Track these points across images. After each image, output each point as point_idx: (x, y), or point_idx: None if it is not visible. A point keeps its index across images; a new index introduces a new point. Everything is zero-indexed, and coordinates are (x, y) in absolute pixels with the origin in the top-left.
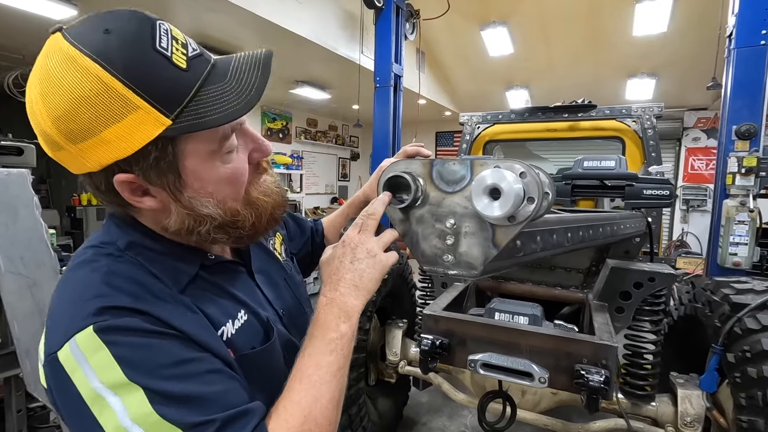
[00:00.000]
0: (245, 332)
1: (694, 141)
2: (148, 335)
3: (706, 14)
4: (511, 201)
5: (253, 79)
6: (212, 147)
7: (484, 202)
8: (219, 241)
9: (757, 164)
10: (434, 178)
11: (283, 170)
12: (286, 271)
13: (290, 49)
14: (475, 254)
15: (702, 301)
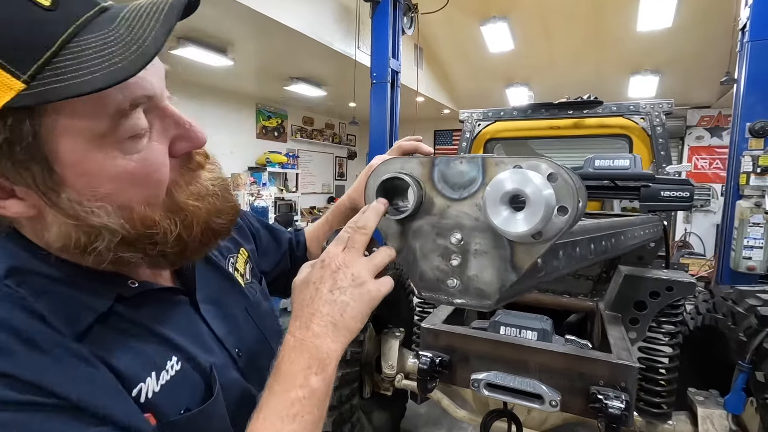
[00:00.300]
0: (176, 388)
1: (698, 140)
2: (12, 409)
3: (711, 9)
4: (539, 212)
5: (151, 24)
6: (99, 127)
7: (502, 214)
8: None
9: None
10: (436, 181)
11: (279, 169)
12: (248, 299)
13: (284, 43)
14: (489, 279)
15: (723, 311)
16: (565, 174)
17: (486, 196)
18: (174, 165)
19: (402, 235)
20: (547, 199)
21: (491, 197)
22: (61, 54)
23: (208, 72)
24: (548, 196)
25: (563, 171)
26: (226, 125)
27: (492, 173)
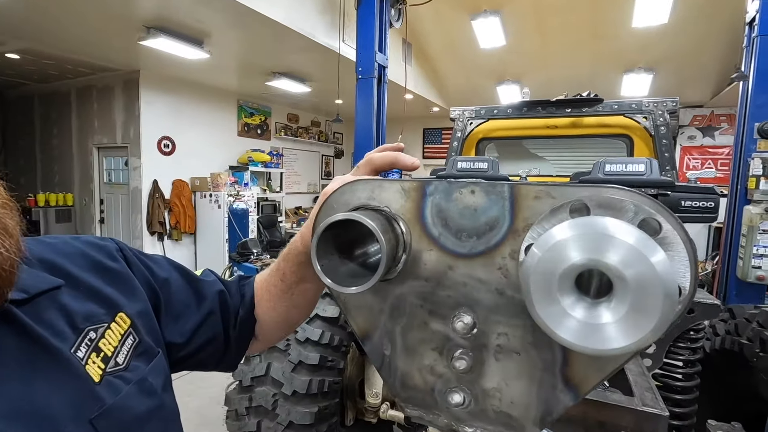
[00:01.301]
0: None
1: (690, 139)
2: None
3: (709, 6)
4: (654, 308)
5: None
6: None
7: (573, 314)
8: None
9: None
10: (429, 223)
11: (262, 168)
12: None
13: (264, 35)
14: (523, 399)
15: (748, 335)
16: (670, 217)
17: (529, 270)
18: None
19: (372, 309)
20: (665, 279)
21: (541, 274)
22: None
23: (185, 65)
24: (666, 271)
25: (665, 212)
26: (205, 122)
27: (528, 213)
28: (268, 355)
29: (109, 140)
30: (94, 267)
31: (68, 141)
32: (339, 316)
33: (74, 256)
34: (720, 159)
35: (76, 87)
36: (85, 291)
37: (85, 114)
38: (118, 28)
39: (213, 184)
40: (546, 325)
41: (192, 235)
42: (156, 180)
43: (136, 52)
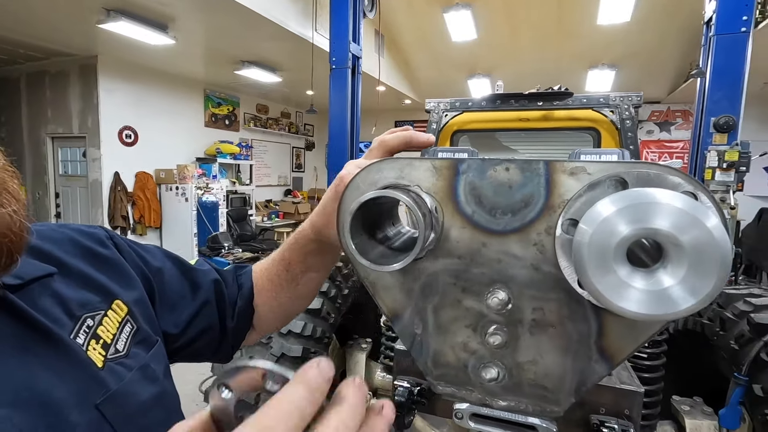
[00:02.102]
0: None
1: (648, 134)
2: None
3: (668, 5)
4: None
5: None
6: None
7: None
8: None
9: (738, 158)
10: (462, 200)
11: (231, 160)
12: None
13: (233, 21)
14: (558, 371)
15: (709, 315)
16: (707, 192)
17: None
18: None
19: (402, 288)
20: (719, 240)
21: (595, 249)
22: None
23: (148, 51)
24: (720, 234)
25: (701, 187)
26: (170, 112)
27: (565, 189)
28: (249, 348)
29: (65, 130)
30: (85, 254)
31: (18, 130)
32: (321, 308)
33: (63, 242)
34: (675, 152)
35: (26, 72)
36: (78, 278)
37: (36, 102)
38: (74, 9)
39: (179, 177)
40: (606, 298)
41: (158, 229)
42: (117, 172)
43: (95, 36)
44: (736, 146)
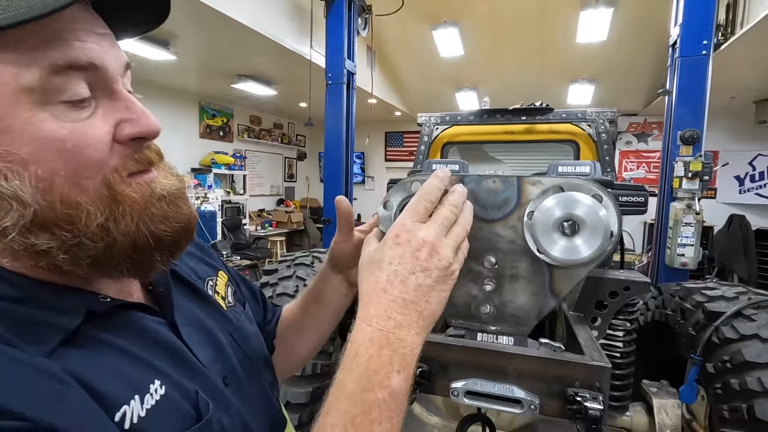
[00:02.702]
0: (163, 413)
1: (627, 144)
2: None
3: (641, 25)
4: (599, 236)
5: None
6: (28, 79)
7: (559, 242)
8: (52, 257)
9: (702, 168)
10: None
11: (225, 171)
12: (231, 322)
13: (230, 38)
14: (526, 305)
15: (672, 307)
16: (608, 194)
17: (535, 222)
18: (118, 151)
19: None
20: (604, 222)
21: (542, 224)
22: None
23: (147, 66)
24: (604, 218)
25: (605, 191)
26: (165, 124)
27: (528, 194)
28: None
29: None
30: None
31: None
32: None
33: None
34: (652, 162)
35: None
36: (194, 256)
37: None
38: None
39: None
40: (546, 251)
41: None
42: None
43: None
44: (700, 157)
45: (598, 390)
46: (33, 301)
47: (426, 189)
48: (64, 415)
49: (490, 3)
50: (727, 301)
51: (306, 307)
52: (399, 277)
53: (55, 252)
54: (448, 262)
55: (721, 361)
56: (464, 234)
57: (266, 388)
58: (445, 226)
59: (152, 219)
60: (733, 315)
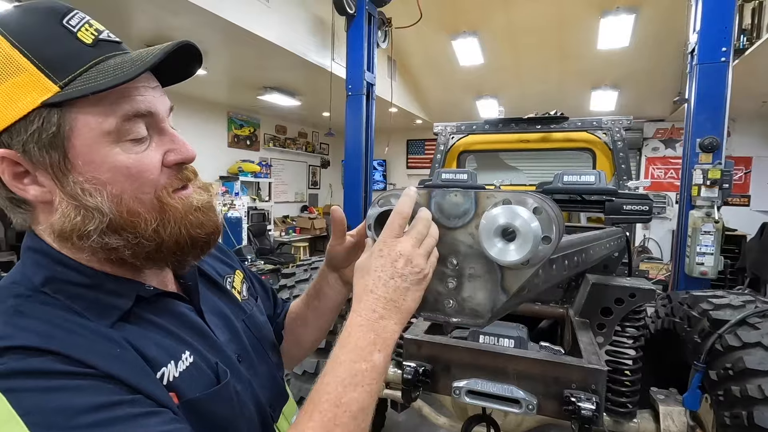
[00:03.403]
0: (191, 376)
1: (654, 151)
2: (60, 377)
3: (665, 31)
4: (529, 243)
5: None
6: (108, 125)
7: (497, 246)
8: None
9: (720, 176)
10: (433, 211)
11: (251, 178)
12: (245, 311)
13: (257, 53)
14: (481, 300)
15: (680, 315)
16: (548, 207)
17: (481, 229)
18: (166, 173)
19: None
20: (534, 231)
21: (486, 230)
22: (89, 71)
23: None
24: (535, 229)
25: (546, 204)
26: (196, 134)
27: (484, 206)
28: None
29: None
30: None
31: None
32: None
33: None
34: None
35: None
36: (215, 257)
37: None
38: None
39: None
40: (488, 252)
41: None
42: None
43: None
44: (719, 165)
45: (593, 392)
46: (99, 287)
47: (398, 208)
48: (123, 369)
49: (508, 12)
50: (733, 310)
51: (309, 303)
52: (381, 281)
53: (122, 249)
54: (420, 268)
55: (723, 369)
56: (434, 243)
57: (273, 367)
58: (419, 239)
59: (191, 225)
60: (738, 323)
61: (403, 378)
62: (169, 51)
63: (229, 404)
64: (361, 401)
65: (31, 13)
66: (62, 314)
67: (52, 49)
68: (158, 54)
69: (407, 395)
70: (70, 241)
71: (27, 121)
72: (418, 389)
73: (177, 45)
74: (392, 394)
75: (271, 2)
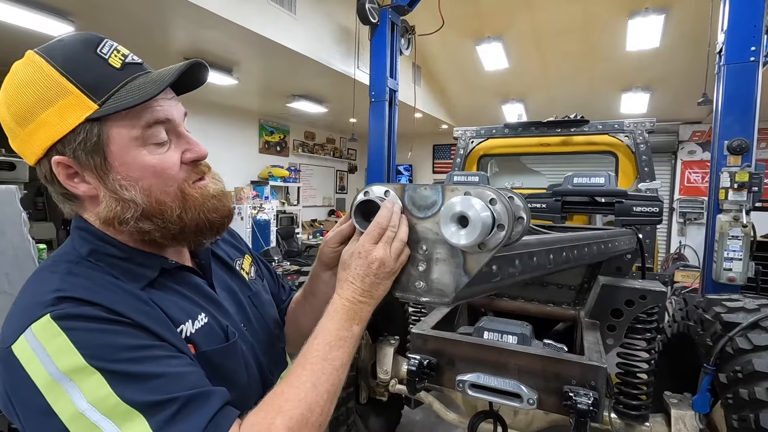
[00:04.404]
0: (205, 333)
1: (690, 154)
2: (105, 322)
3: (696, 31)
4: (477, 229)
5: (171, 72)
6: (135, 133)
7: (451, 229)
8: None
9: (749, 179)
10: (406, 204)
11: (281, 183)
12: (250, 289)
13: (286, 63)
14: (447, 281)
15: (694, 318)
16: (505, 199)
17: (440, 215)
18: (184, 168)
19: None
20: (484, 220)
21: (444, 217)
22: (120, 91)
23: (213, 89)
24: (485, 217)
25: (504, 197)
26: (229, 140)
27: (448, 198)
28: None
29: None
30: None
31: None
32: None
33: None
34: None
35: None
36: (226, 242)
37: None
38: (157, 58)
39: (237, 198)
40: (443, 234)
41: None
42: None
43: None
44: (747, 167)
45: (592, 388)
46: (131, 259)
47: (378, 220)
48: (150, 321)
49: (533, 15)
50: (747, 313)
51: (306, 297)
52: (359, 278)
53: (153, 232)
54: (390, 268)
55: (733, 371)
56: (402, 246)
57: (273, 338)
58: (389, 243)
59: (208, 210)
60: (750, 326)
61: (408, 369)
62: (182, 71)
63: (236, 359)
64: (342, 358)
65: (71, 45)
66: (104, 277)
67: (90, 75)
68: (173, 75)
69: (411, 386)
70: (111, 225)
71: (75, 133)
72: (423, 381)
73: (188, 65)
74: (403, 389)
75: (298, 14)
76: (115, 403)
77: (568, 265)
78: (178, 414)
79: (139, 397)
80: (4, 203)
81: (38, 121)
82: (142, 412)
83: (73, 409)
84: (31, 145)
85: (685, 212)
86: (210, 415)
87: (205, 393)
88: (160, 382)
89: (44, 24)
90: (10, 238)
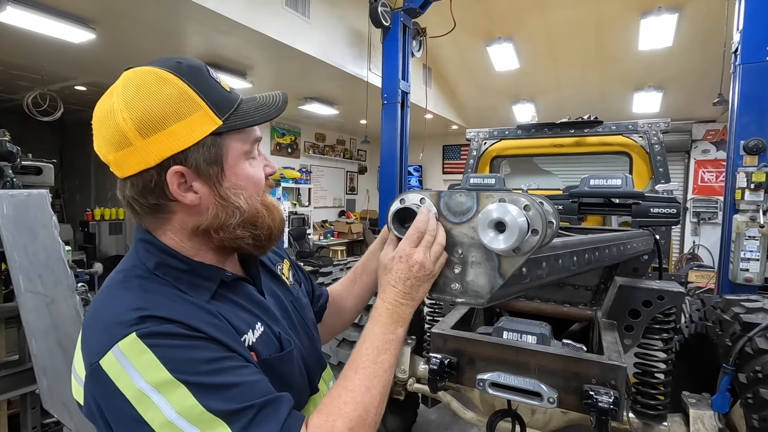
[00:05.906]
0: (263, 341)
1: (704, 153)
2: (185, 339)
3: (710, 30)
4: (515, 234)
5: (274, 101)
6: (246, 147)
7: (489, 235)
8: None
9: (766, 179)
10: (442, 210)
11: (292, 184)
12: (292, 294)
13: (299, 67)
14: (482, 283)
15: (712, 319)
16: (537, 204)
17: (478, 221)
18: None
19: None
20: (520, 225)
21: (482, 223)
22: (237, 110)
23: None
24: (522, 223)
25: (536, 202)
26: None
27: (483, 204)
28: None
29: None
30: None
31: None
32: None
33: None
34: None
35: None
36: None
37: None
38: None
39: None
40: (483, 240)
41: None
42: None
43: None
44: (764, 168)
45: (612, 387)
46: (194, 272)
47: (416, 225)
48: (221, 334)
49: (544, 16)
50: (766, 313)
51: (356, 278)
52: (401, 281)
53: (247, 238)
54: (429, 271)
55: (753, 371)
56: (441, 249)
57: (314, 340)
58: (428, 247)
59: (279, 219)
60: None
61: (429, 368)
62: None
63: (291, 364)
64: (390, 360)
65: (194, 66)
66: (174, 291)
67: (215, 94)
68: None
69: (433, 385)
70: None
71: (199, 144)
72: (444, 380)
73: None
74: (421, 389)
75: (312, 18)
76: (200, 412)
77: (590, 267)
78: (254, 420)
79: (221, 406)
80: (36, 207)
81: (168, 131)
82: (225, 419)
83: (162, 419)
84: (146, 154)
85: (699, 212)
86: (282, 419)
87: (276, 399)
88: (237, 391)
89: (67, 32)
90: (42, 241)
